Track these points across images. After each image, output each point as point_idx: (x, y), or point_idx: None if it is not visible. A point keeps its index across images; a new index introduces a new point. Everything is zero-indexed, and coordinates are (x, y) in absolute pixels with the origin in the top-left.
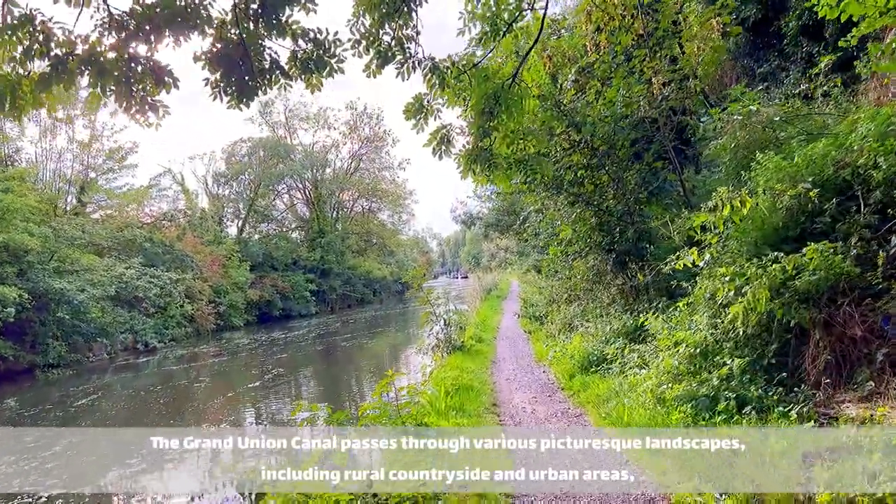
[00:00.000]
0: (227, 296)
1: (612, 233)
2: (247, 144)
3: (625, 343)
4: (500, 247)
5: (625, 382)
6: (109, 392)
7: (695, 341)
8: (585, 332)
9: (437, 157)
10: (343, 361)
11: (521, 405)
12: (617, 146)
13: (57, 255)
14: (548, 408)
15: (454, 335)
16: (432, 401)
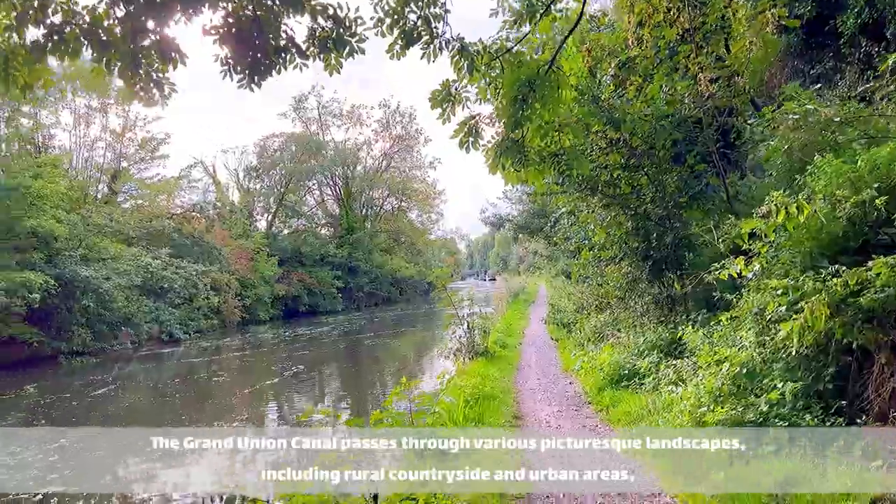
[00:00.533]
0: (253, 289)
1: (649, 238)
2: (279, 139)
3: (659, 357)
4: (530, 250)
5: (658, 400)
6: (128, 383)
7: (740, 360)
8: (616, 342)
9: (464, 150)
10: (365, 361)
11: (546, 419)
12: (657, 146)
13: (84, 242)
14: (573, 423)
15: (477, 340)
16: (450, 410)
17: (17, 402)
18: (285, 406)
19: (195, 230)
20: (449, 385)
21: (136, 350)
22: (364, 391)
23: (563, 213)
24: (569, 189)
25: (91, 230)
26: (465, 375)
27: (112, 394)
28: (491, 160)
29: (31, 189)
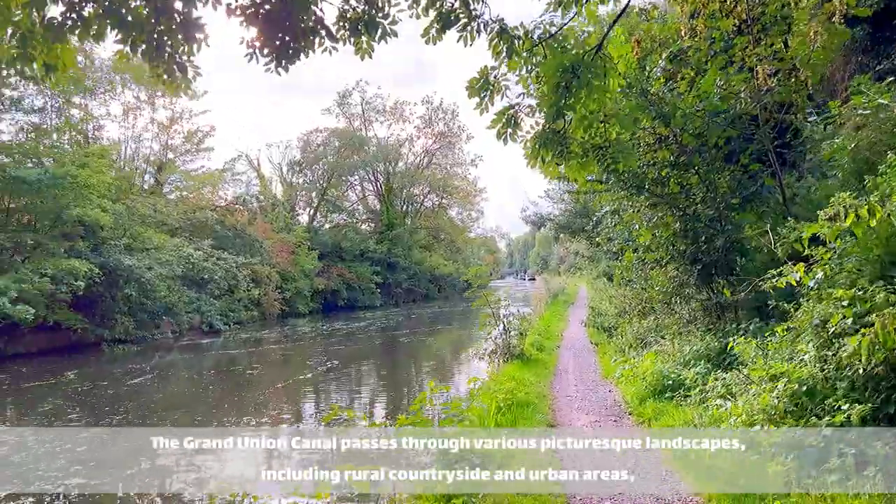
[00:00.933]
0: (294, 283)
1: (698, 241)
2: (322, 134)
3: (707, 368)
4: (570, 251)
5: (705, 415)
6: (165, 373)
7: (799, 376)
8: (660, 350)
9: (501, 141)
10: (399, 359)
11: (582, 429)
12: (709, 144)
13: (129, 232)
14: (614, 433)
15: (513, 342)
16: (481, 417)
17: (55, 388)
18: (315, 403)
19: (238, 222)
20: (481, 389)
21: (176, 340)
22: (396, 391)
23: (606, 212)
24: (613, 187)
25: (135, 220)
26: (499, 378)
27: (148, 383)
28: (530, 152)
29: (77, 178)
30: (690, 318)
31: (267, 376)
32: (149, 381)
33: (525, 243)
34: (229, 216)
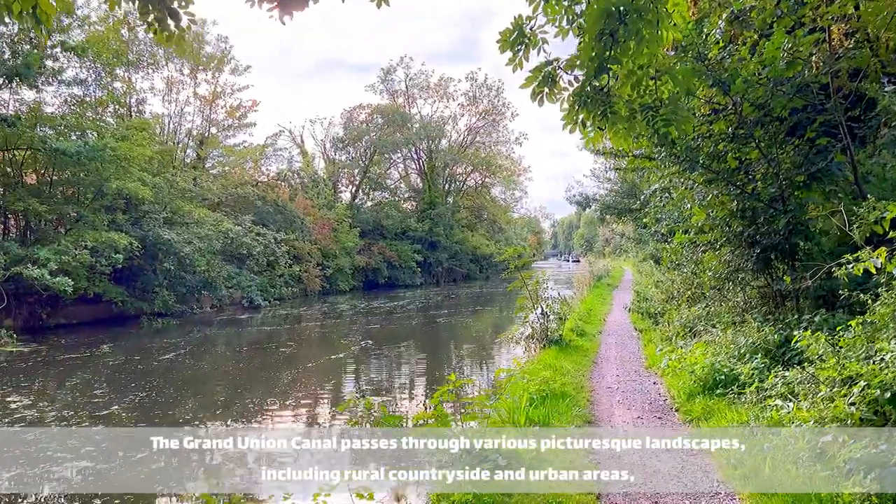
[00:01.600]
0: (335, 260)
1: (757, 222)
2: (365, 110)
3: (765, 363)
4: (616, 232)
5: (763, 416)
6: (198, 349)
7: (881, 380)
8: (711, 340)
9: (536, 103)
10: (435, 341)
11: (623, 427)
12: (773, 114)
13: (169, 206)
14: (656, 432)
15: (553, 326)
16: (511, 410)
17: (88, 360)
18: (342, 387)
19: (279, 198)
20: (513, 379)
21: (215, 314)
22: (427, 376)
23: (655, 190)
24: (664, 161)
25: (175, 194)
26: (533, 367)
27: (179, 360)
28: (567, 113)
29: (117, 151)
30: (745, 306)
31: (299, 355)
32: (181, 356)
33: (570, 224)
34: (270, 192)
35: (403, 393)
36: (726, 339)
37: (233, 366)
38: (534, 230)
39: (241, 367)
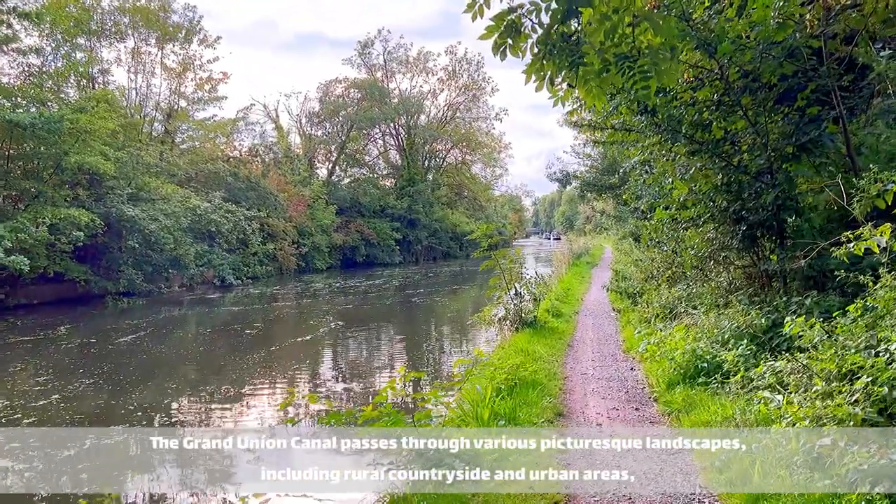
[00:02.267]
0: (311, 238)
1: (743, 196)
2: (342, 84)
3: (751, 349)
4: (597, 209)
5: (749, 411)
6: (160, 330)
7: (888, 376)
8: (692, 323)
9: (498, 56)
10: (407, 322)
11: (597, 420)
12: (762, 80)
13: (134, 182)
14: (633, 430)
15: (528, 306)
16: (475, 403)
17: (40, 344)
18: (299, 374)
19: (251, 174)
20: (480, 367)
21: (185, 294)
22: (391, 362)
23: (634, 164)
24: (644, 131)
25: (139, 169)
26: (504, 352)
27: (137, 343)
28: (530, 64)
29: (76, 123)
30: (730, 287)
31: (265, 337)
32: (140, 339)
33: (551, 202)
34: (243, 168)
35: (365, 381)
36: (709, 322)
37: (192, 350)
38: (515, 208)
39: (200, 350)
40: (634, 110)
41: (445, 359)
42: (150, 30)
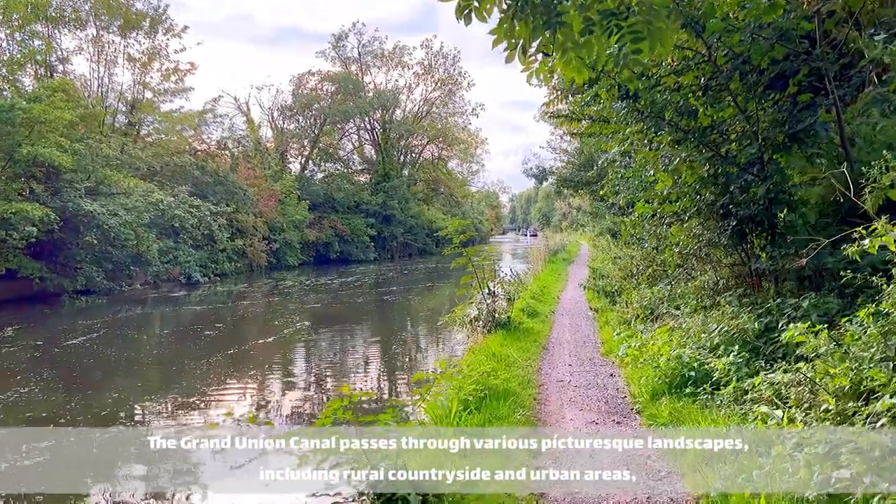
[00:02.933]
0: (282, 233)
1: (731, 189)
2: (315, 77)
3: (744, 356)
4: (573, 206)
5: (744, 426)
6: (114, 331)
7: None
8: (677, 326)
9: (462, 21)
10: (380, 322)
11: (573, 434)
12: (752, 63)
13: (94, 175)
14: (616, 447)
15: (502, 305)
16: (439, 419)
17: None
18: (250, 385)
19: (219, 168)
20: (445, 376)
21: (148, 292)
22: (355, 368)
23: (613, 155)
24: (625, 118)
25: (99, 162)
26: (474, 357)
27: (86, 345)
28: (498, 25)
29: (30, 113)
30: (717, 287)
31: (225, 339)
32: (90, 341)
33: (528, 199)
34: (211, 161)
35: (321, 393)
36: (694, 325)
37: (144, 353)
38: (492, 204)
39: (153, 353)
40: (615, 96)
41: (414, 365)
42: (112, 17)
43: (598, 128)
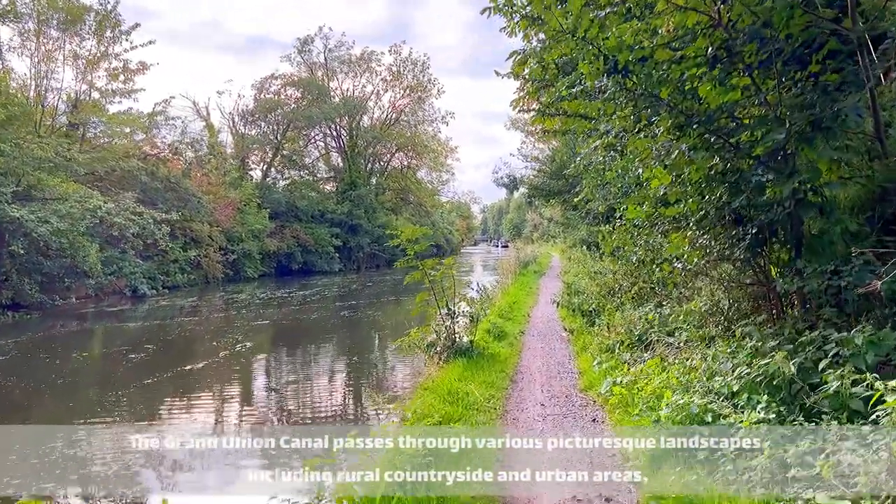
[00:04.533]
0: (241, 243)
1: (747, 188)
2: (278, 81)
3: (776, 410)
4: (545, 216)
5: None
6: (25, 354)
7: None
8: (678, 361)
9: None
10: (330, 343)
11: None
12: (773, 27)
13: (24, 179)
14: None
15: (464, 325)
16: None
17: None
18: (153, 422)
19: (170, 173)
20: (382, 429)
21: (86, 306)
22: (286, 408)
23: (592, 153)
24: (613, 98)
25: (29, 164)
26: (424, 397)
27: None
28: None
29: None
30: (730, 312)
31: (147, 365)
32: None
33: (499, 210)
34: (162, 167)
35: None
36: (702, 363)
37: (48, 382)
38: (463, 215)
39: (58, 383)
40: (599, 70)
41: (354, 407)
42: (53, 10)
43: (576, 123)
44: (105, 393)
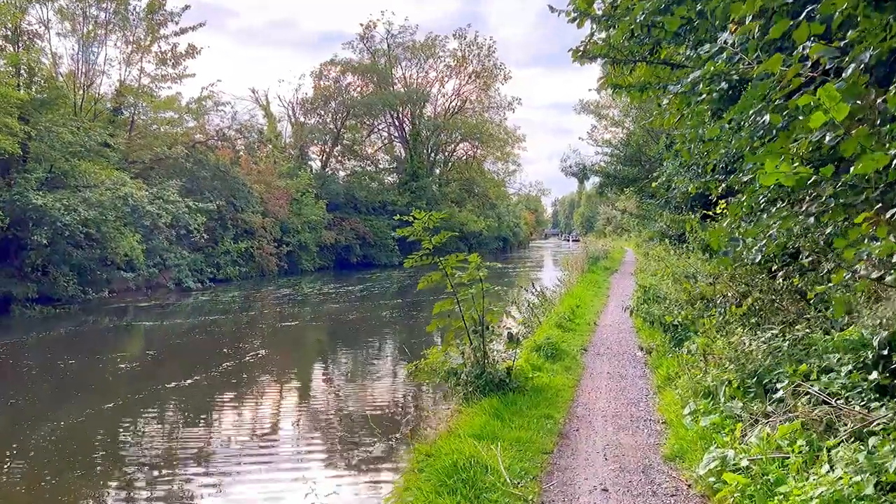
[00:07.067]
0: (296, 235)
1: None
2: (337, 67)
3: None
4: (618, 209)
5: None
6: (30, 355)
7: None
8: (843, 438)
9: None
10: (348, 358)
11: None
12: None
13: (56, 165)
14: None
15: (500, 352)
16: None
17: None
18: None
19: (218, 161)
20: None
21: (125, 300)
22: (274, 450)
23: (695, 82)
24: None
25: (59, 149)
26: (424, 482)
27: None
28: None
29: None
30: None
31: (155, 372)
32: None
33: (571, 203)
34: (211, 154)
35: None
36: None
37: (23, 392)
38: (531, 208)
39: (42, 390)
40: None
41: (367, 452)
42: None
43: (660, 72)
44: (66, 414)
